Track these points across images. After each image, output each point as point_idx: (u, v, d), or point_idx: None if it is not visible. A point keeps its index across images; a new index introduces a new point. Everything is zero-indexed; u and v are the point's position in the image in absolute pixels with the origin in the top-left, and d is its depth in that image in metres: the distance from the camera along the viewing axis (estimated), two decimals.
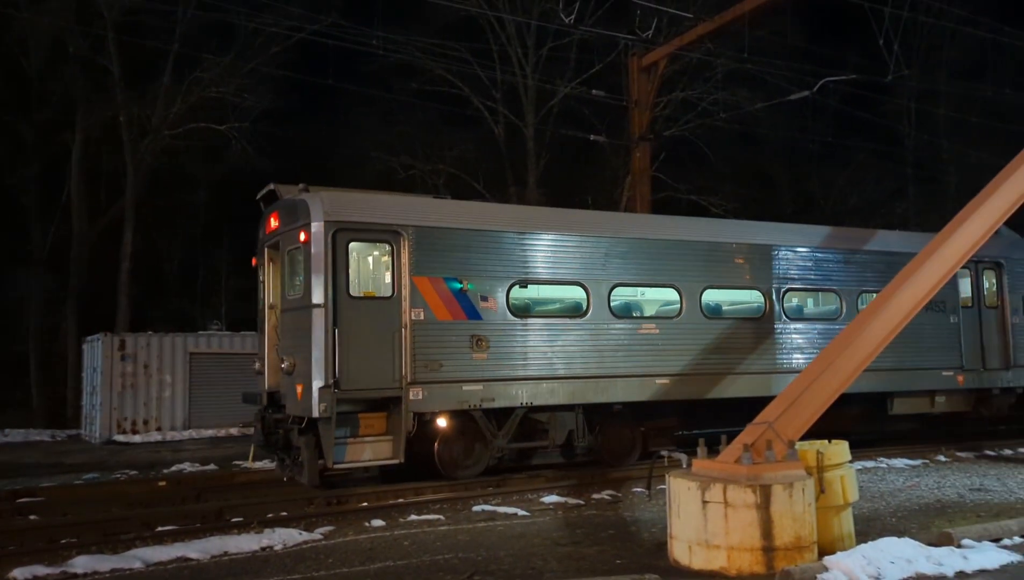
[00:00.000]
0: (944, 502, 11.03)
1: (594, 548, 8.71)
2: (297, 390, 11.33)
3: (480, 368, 12.09)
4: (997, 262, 17.09)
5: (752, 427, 8.42)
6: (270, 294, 13.10)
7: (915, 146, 36.84)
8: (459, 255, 12.17)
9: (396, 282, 11.73)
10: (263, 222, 13.15)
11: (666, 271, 13.80)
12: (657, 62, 21.72)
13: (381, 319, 11.57)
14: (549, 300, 13.48)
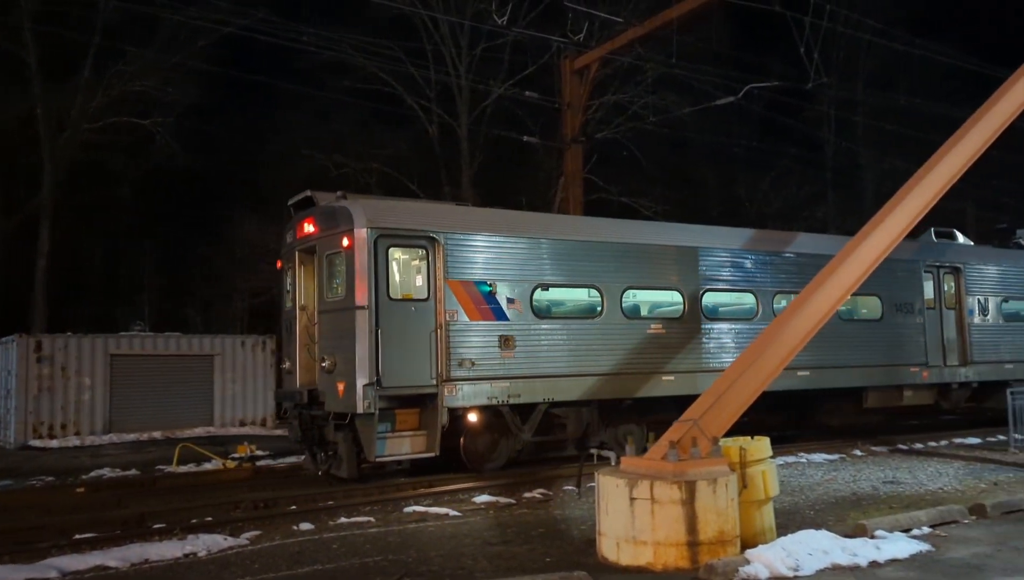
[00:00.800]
0: (859, 495, 11.46)
1: (525, 547, 8.77)
2: (338, 388, 11.91)
3: (507, 366, 12.84)
4: (956, 267, 18.36)
5: (678, 425, 8.61)
6: (301, 296, 13.54)
7: (835, 152, 38.18)
8: (488, 260, 12.91)
9: (431, 285, 12.44)
10: (293, 227, 13.64)
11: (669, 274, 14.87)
12: (589, 65, 21.96)
13: (418, 320, 12.25)
14: (562, 301, 14.24)
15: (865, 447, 16.29)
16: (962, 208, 36.24)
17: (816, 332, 9.55)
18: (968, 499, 10.49)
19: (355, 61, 29.38)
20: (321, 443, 12.76)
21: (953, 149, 10.70)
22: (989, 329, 18.56)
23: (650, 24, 19.47)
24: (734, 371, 9.16)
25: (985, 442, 17.00)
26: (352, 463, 12.15)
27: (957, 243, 19.30)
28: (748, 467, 8.37)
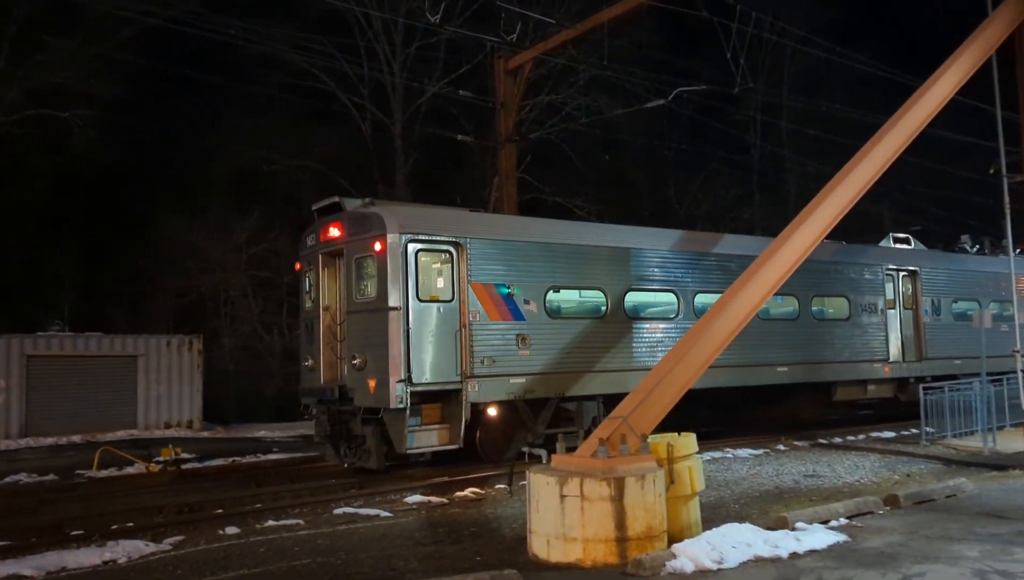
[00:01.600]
0: (782, 488, 11.81)
1: (456, 546, 8.78)
2: (369, 384, 12.56)
3: (524, 363, 13.61)
4: (913, 270, 19.74)
5: (608, 422, 8.74)
6: (324, 296, 14.04)
7: (760, 155, 39.25)
8: (506, 263, 13.72)
9: (455, 287, 13.14)
10: (316, 230, 14.14)
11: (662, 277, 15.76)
12: (523, 65, 22.06)
13: (444, 320, 12.95)
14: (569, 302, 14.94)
15: (788, 442, 16.79)
16: (879, 211, 37.67)
17: (741, 330, 9.85)
18: (883, 490, 10.90)
19: (286, 56, 28.88)
20: (347, 437, 13.34)
21: (869, 154, 11.12)
22: (941, 327, 19.92)
23: (582, 26, 19.69)
24: (661, 369, 9.34)
25: (899, 435, 17.73)
26: (380, 455, 12.84)
27: (913, 248, 20.77)
28: (675, 463, 8.53)
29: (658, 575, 7.31)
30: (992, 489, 11.04)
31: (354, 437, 13.20)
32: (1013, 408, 16.01)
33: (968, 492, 10.71)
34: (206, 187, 31.48)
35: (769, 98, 36.53)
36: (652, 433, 8.86)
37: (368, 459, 12.94)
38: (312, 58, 28.93)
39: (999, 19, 12.89)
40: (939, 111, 12.20)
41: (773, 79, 38.71)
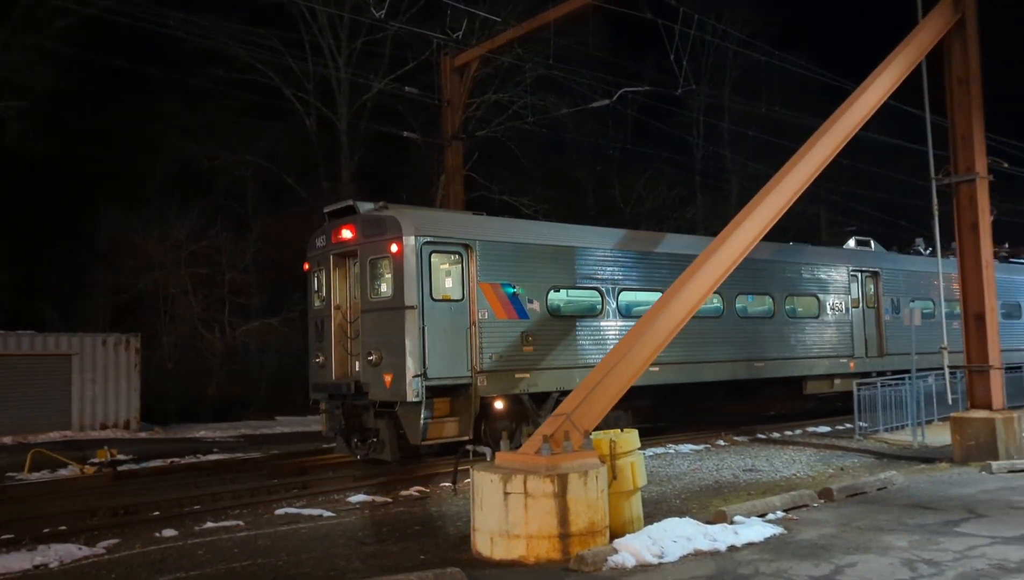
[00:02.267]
0: (722, 483, 12.05)
1: (399, 545, 8.75)
2: (385, 379, 13.08)
3: (528, 359, 14.26)
4: (875, 271, 20.89)
5: (552, 419, 8.80)
6: (336, 296, 14.53)
7: (703, 156, 39.88)
8: (512, 264, 14.32)
9: (465, 287, 13.71)
10: (327, 232, 14.62)
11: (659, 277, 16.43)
12: (469, 63, 22.04)
13: (456, 318, 13.51)
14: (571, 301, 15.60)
15: (728, 437, 17.13)
16: (816, 211, 38.67)
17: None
18: (818, 484, 11.22)
19: (229, 50, 28.32)
20: (360, 430, 13.90)
21: (805, 156, 11.40)
22: (900, 325, 20.73)
23: (528, 25, 19.76)
24: (604, 367, 9.43)
25: (834, 430, 18.26)
26: (395, 447, 13.43)
27: (874, 251, 22.02)
28: (618, 459, 8.64)
29: (600, 570, 7.40)
30: (920, 481, 11.44)
31: (367, 430, 13.77)
32: (941, 402, 16.62)
33: (898, 484, 11.09)
34: (145, 182, 30.70)
35: (711, 100, 37.17)
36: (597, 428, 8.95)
37: (382, 451, 13.51)
38: (256, 52, 28.45)
39: (928, 27, 13.32)
40: (872, 115, 12.57)
41: (715, 81, 39.39)
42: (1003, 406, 13.46)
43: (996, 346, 13.44)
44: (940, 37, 13.48)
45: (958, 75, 13.62)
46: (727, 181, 40.02)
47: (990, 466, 12.07)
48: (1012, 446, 12.90)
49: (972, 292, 13.64)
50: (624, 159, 35.57)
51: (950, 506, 9.61)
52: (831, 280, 19.74)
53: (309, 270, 15.35)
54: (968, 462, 12.77)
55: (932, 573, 6.91)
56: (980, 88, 13.59)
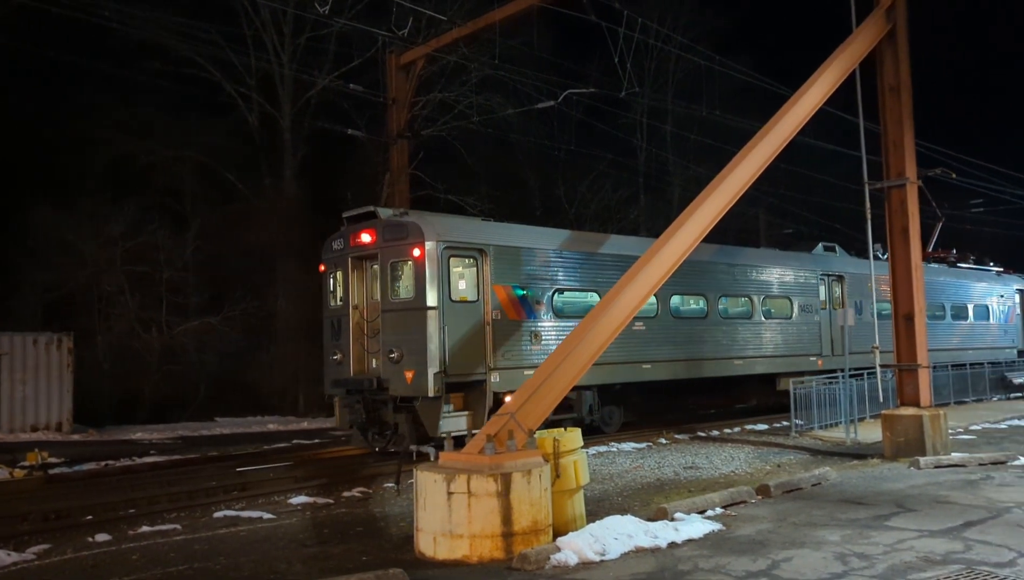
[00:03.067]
0: (663, 480, 12.24)
1: (341, 547, 8.68)
2: (406, 376, 13.83)
3: (535, 356, 15.05)
4: (840, 275, 22.41)
5: (496, 418, 8.83)
6: (354, 296, 15.25)
7: (646, 158, 40.33)
8: (521, 268, 15.30)
9: (481, 289, 14.61)
10: (345, 236, 15.43)
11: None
12: (415, 61, 21.96)
13: (472, 318, 14.39)
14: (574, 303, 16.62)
15: (669, 435, 17.40)
16: (756, 214, 39.48)
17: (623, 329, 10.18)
18: (755, 481, 11.46)
19: (167, 43, 27.63)
20: (379, 424, 14.62)
21: (744, 160, 11.64)
22: (863, 326, 22.02)
23: (474, 25, 19.78)
24: (548, 366, 9.51)
25: (771, 428, 18.68)
26: (413, 439, 14.14)
27: (839, 256, 23.74)
28: (561, 458, 8.71)
29: (543, 569, 7.45)
30: (853, 477, 11.79)
31: (385, 424, 14.51)
32: (873, 400, 17.16)
33: (832, 480, 11.40)
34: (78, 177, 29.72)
35: (655, 103, 37.64)
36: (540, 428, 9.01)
37: (402, 443, 14.20)
38: (196, 46, 27.83)
39: (862, 36, 13.73)
40: (809, 120, 12.90)
41: (658, 84, 39.86)
42: (931, 403, 13.96)
43: (924, 346, 13.91)
44: (873, 46, 13.90)
45: (889, 83, 14.07)
46: (669, 183, 40.58)
47: (918, 462, 12.49)
48: (939, 442, 13.38)
49: (902, 293, 14.09)
50: (569, 160, 35.82)
51: (880, 501, 9.92)
52: (803, 284, 21.17)
53: (325, 272, 16.03)
54: (898, 458, 13.20)
55: (863, 566, 7.13)
56: (910, 96, 14.05)
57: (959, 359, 24.43)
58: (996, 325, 28.29)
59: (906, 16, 14.15)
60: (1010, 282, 29.72)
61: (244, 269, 29.59)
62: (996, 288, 28.64)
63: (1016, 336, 29.12)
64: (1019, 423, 18.70)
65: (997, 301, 28.42)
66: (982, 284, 28.08)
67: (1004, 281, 29.49)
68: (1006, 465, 12.42)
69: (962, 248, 29.17)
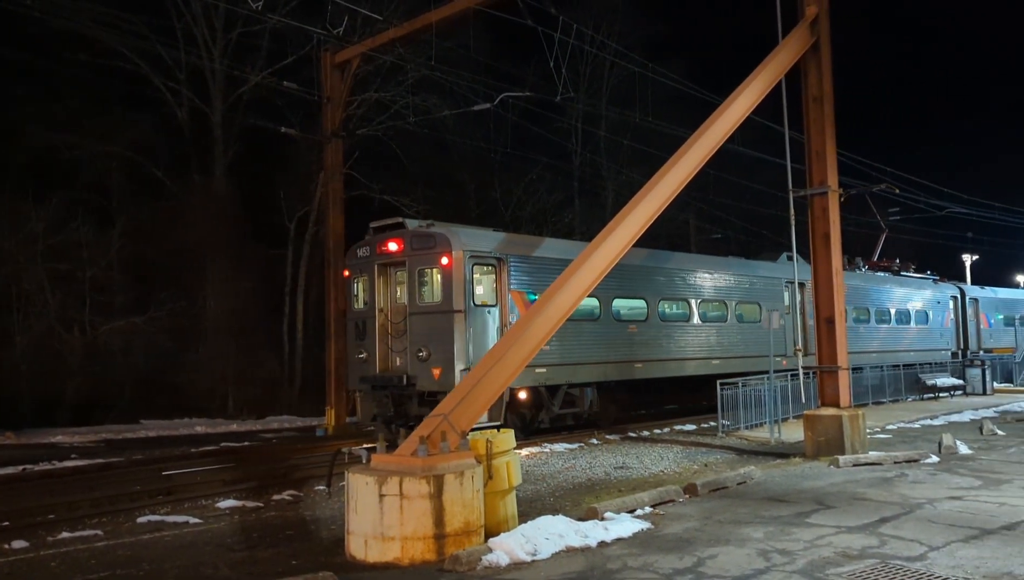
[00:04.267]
0: (594, 480, 12.41)
1: (270, 551, 8.57)
2: (434, 372, 15.29)
3: (545, 356, 16.23)
4: (802, 282, 23.06)
5: (429, 420, 8.83)
6: (379, 300, 16.60)
7: (581, 162, 40.79)
8: (534, 275, 16.69)
9: (499, 295, 16.09)
10: (372, 244, 16.74)
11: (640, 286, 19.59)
12: (350, 60, 21.76)
13: (492, 321, 15.88)
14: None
15: (601, 436, 17.65)
16: (686, 219, 40.32)
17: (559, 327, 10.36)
18: (683, 480, 11.72)
19: (93, 34, 26.76)
20: (404, 417, 15.82)
21: (675, 166, 11.89)
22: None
23: (410, 25, 19.71)
24: (481, 369, 9.55)
25: (699, 428, 19.12)
26: None
27: (801, 264, 24.32)
28: (494, 459, 8.76)
29: (474, 570, 7.48)
30: (776, 475, 12.15)
31: (411, 416, 15.64)
32: (796, 401, 17.73)
33: (756, 479, 11.74)
34: None
35: (589, 108, 38.07)
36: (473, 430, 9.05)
37: None
38: (123, 38, 27.03)
39: (787, 48, 14.17)
40: (737, 128, 13.25)
41: (593, 90, 40.33)
42: (850, 404, 14.48)
43: (844, 348, 14.42)
44: (798, 58, 14.35)
45: (813, 94, 14.55)
46: (603, 187, 41.08)
47: (838, 460, 12.95)
48: (857, 441, 13.90)
49: (824, 298, 14.57)
50: (505, 162, 35.99)
51: (802, 499, 10.26)
52: (771, 290, 22.95)
53: (350, 277, 17.35)
54: (819, 457, 13.65)
55: (784, 562, 7.37)
56: (832, 107, 14.54)
57: (902, 360, 26.58)
58: (934, 329, 30.42)
59: (829, 30, 14.65)
60: (946, 289, 32.01)
61: (172, 268, 28.87)
62: (934, 295, 30.86)
63: (951, 339, 31.33)
64: (931, 423, 19.54)
65: (935, 307, 30.62)
66: (922, 291, 30.24)
67: (941, 289, 31.78)
68: (919, 463, 12.98)
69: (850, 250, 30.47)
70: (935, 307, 30.66)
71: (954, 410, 22.09)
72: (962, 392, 27.10)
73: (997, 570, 6.96)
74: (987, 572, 6.91)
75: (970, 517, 8.97)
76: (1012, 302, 37.00)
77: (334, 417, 21.46)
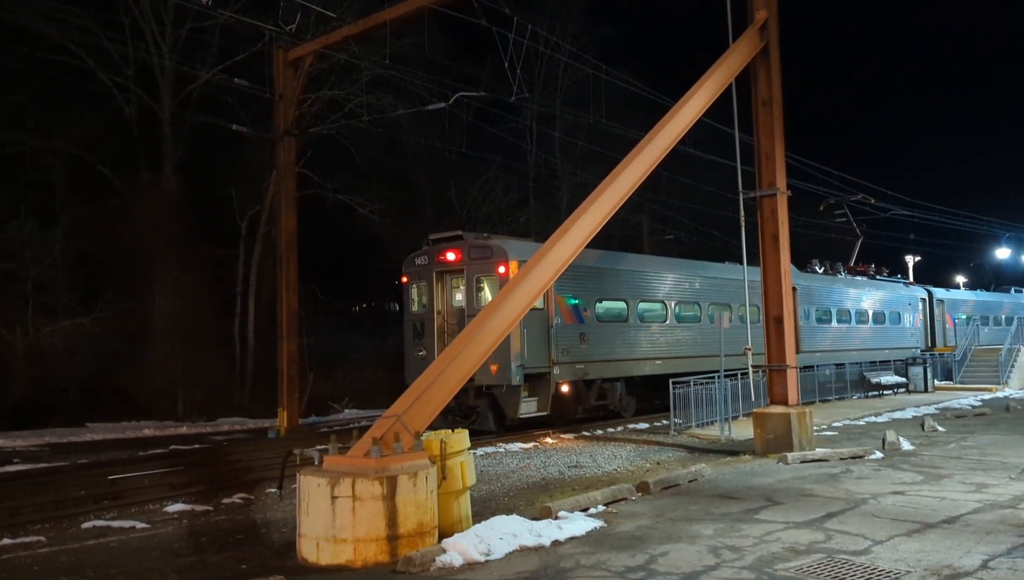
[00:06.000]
0: (548, 479, 12.46)
1: (220, 555, 8.44)
2: (491, 368, 16.93)
3: (583, 354, 18.80)
4: (794, 287, 24.78)
5: (382, 421, 8.77)
6: (437, 303, 18.50)
7: (535, 162, 40.92)
8: (574, 281, 18.71)
9: (546, 300, 17.78)
10: (431, 254, 18.68)
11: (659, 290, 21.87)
12: (304, 58, 21.50)
13: (540, 323, 17.83)
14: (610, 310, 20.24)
15: (556, 435, 17.72)
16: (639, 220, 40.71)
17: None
18: (636, 478, 11.83)
19: (36, 27, 26.02)
20: (461, 407, 17.92)
21: (628, 167, 12.00)
22: (809, 329, 26.81)
23: (364, 23, 19.54)
24: (435, 369, 9.52)
25: (652, 427, 19.33)
26: (493, 420, 17.81)
27: (792, 270, 25.78)
28: (448, 459, 8.74)
29: (427, 571, 7.46)
30: (726, 473, 12.34)
31: (468, 407, 17.92)
32: (747, 399, 18.02)
33: (707, 476, 11.91)
34: None
35: (544, 109, 38.20)
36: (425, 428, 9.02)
37: (486, 423, 17.80)
38: (68, 32, 26.33)
39: (737, 51, 14.39)
40: (688, 130, 13.42)
41: (548, 91, 40.46)
42: (798, 402, 14.77)
43: (793, 347, 14.71)
44: (748, 61, 14.60)
45: (762, 97, 14.81)
46: (558, 188, 41.26)
47: (786, 457, 13.20)
48: (805, 438, 14.18)
49: (772, 297, 14.85)
50: (460, 162, 35.94)
51: (751, 495, 10.44)
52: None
53: (408, 282, 19.19)
54: (768, 454, 13.90)
55: (734, 558, 7.49)
56: (781, 110, 14.82)
57: (874, 357, 28.82)
58: (906, 328, 32.73)
59: (778, 34, 14.92)
60: (916, 292, 34.35)
61: (119, 267, 28.23)
62: (905, 297, 33.09)
63: (920, 337, 33.68)
64: (876, 420, 20.03)
65: (906, 308, 32.87)
66: (896, 294, 32.52)
67: (911, 290, 34.14)
68: (863, 459, 13.30)
69: (829, 256, 32.12)
70: (906, 308, 32.84)
71: (897, 407, 22.68)
72: (905, 390, 27.84)
73: (938, 563, 7.17)
74: (928, 565, 7.11)
75: (912, 511, 9.22)
76: (988, 304, 39.99)
77: (286, 418, 21.20)
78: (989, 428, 17.57)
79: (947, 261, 56.13)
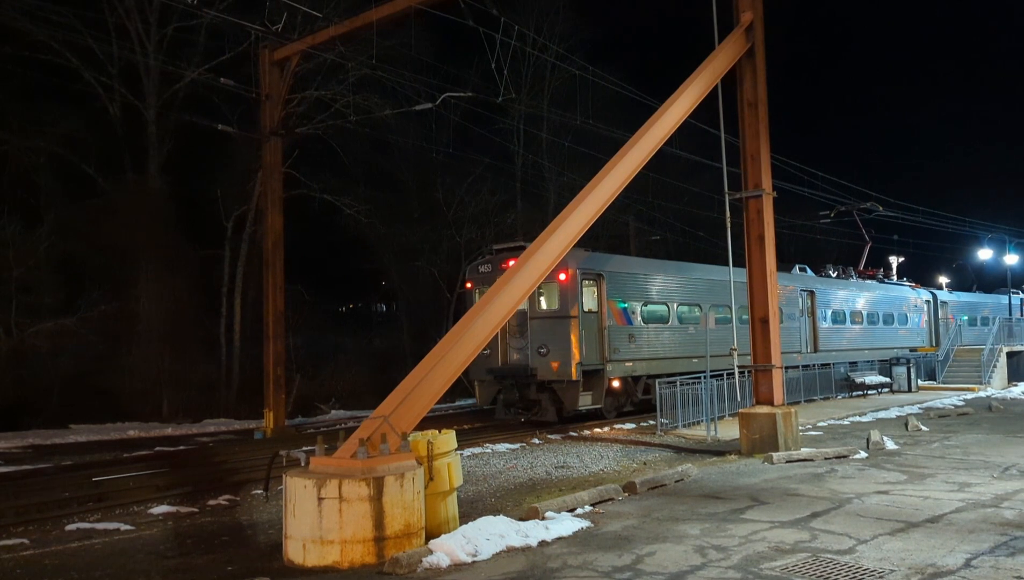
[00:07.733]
0: (535, 480, 12.48)
1: (205, 557, 8.40)
2: (552, 365, 18.95)
3: (632, 353, 20.67)
4: (812, 290, 27.79)
5: (369, 422, 8.75)
6: None
7: (523, 163, 40.89)
8: (624, 287, 20.72)
9: (599, 303, 19.85)
10: (494, 263, 20.52)
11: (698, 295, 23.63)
12: (290, 57, 21.44)
13: (595, 324, 19.64)
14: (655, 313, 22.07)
15: (543, 435, 17.75)
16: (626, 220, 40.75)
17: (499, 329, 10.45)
18: (623, 478, 11.87)
19: (18, 25, 25.79)
20: (524, 401, 19.72)
21: (614, 168, 12.02)
22: (825, 330, 28.41)
23: (351, 23, 19.51)
24: (422, 369, 9.49)
25: (639, 427, 19.40)
26: (554, 412, 19.31)
27: (809, 275, 29.62)
28: (435, 460, 8.73)
29: (414, 572, 7.45)
30: (712, 472, 12.39)
31: (530, 401, 19.54)
32: (732, 399, 18.11)
33: (693, 476, 11.95)
34: None
35: (531, 109, 38.19)
36: None
37: (547, 414, 19.30)
38: (52, 30, 26.11)
39: (723, 53, 14.46)
40: (675, 131, 13.46)
41: (535, 92, 40.40)
42: (783, 402, 14.85)
43: (778, 347, 14.78)
44: (733, 63, 14.66)
45: (748, 99, 14.88)
46: (545, 189, 41.27)
47: (772, 457, 13.27)
48: (790, 438, 14.26)
49: (758, 298, 14.92)
50: (447, 163, 35.88)
51: (737, 495, 10.48)
52: (788, 296, 26.06)
53: (472, 288, 20.96)
54: (753, 454, 13.97)
55: (720, 558, 7.52)
56: (767, 112, 14.89)
57: (884, 356, 30.38)
58: (913, 328, 34.46)
59: (764, 36, 15.00)
60: (922, 294, 36.14)
61: (103, 267, 28.02)
62: (911, 298, 34.75)
63: (926, 337, 35.38)
64: (860, 419, 20.18)
65: (912, 309, 34.63)
66: (905, 297, 34.28)
67: (917, 293, 35.88)
68: (848, 459, 13.39)
69: (815, 257, 32.92)
70: (914, 310, 34.69)
71: (881, 407, 22.84)
72: (889, 389, 28.06)
73: (921, 562, 7.23)
74: (912, 564, 7.17)
75: (896, 511, 9.30)
76: (974, 305, 41.61)
77: (273, 419, 21.12)
78: (972, 427, 17.72)
79: (930, 262, 56.64)
